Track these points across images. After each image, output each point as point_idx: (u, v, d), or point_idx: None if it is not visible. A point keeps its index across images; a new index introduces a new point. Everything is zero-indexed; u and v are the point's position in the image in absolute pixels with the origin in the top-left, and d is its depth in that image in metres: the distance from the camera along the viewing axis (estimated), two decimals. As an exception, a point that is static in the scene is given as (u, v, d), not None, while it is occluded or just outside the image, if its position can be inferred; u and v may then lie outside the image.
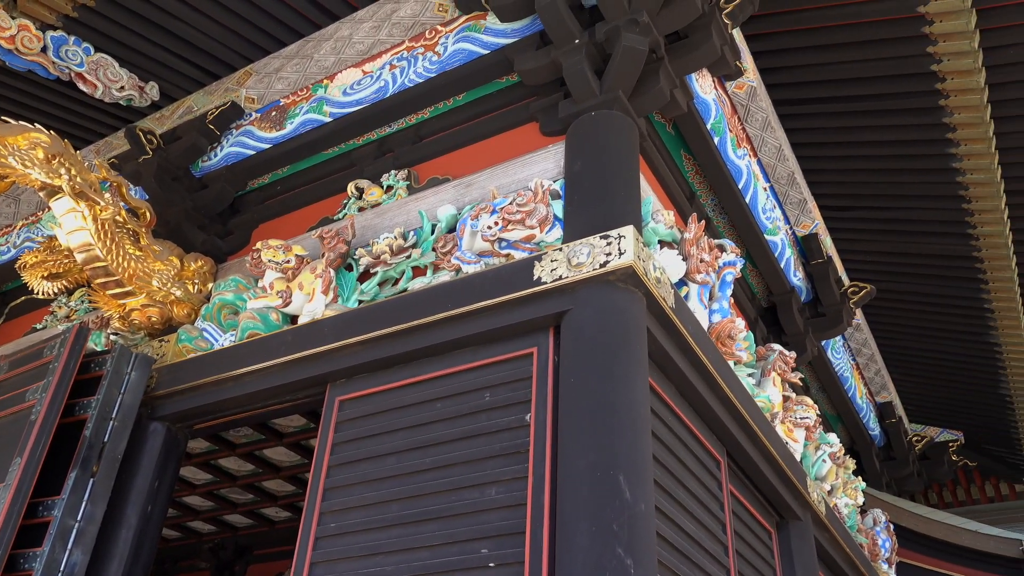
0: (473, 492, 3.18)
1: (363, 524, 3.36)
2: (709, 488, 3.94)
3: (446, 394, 3.50)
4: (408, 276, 3.96)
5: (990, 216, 5.46)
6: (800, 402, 5.20)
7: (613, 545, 2.70)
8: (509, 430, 3.24)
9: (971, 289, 6.22)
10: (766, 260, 5.58)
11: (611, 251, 3.27)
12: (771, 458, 4.62)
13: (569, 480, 2.90)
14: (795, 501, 5.05)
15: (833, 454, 5.96)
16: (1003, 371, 7.11)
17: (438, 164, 4.52)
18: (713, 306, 4.11)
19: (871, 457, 8.00)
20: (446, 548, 3.11)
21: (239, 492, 7.38)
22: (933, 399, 8.33)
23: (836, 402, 7.20)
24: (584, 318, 3.23)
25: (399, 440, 3.50)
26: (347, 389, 3.80)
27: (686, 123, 4.61)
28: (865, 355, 7.29)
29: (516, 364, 3.39)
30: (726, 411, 4.08)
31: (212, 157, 5.21)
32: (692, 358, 3.69)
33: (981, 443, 8.95)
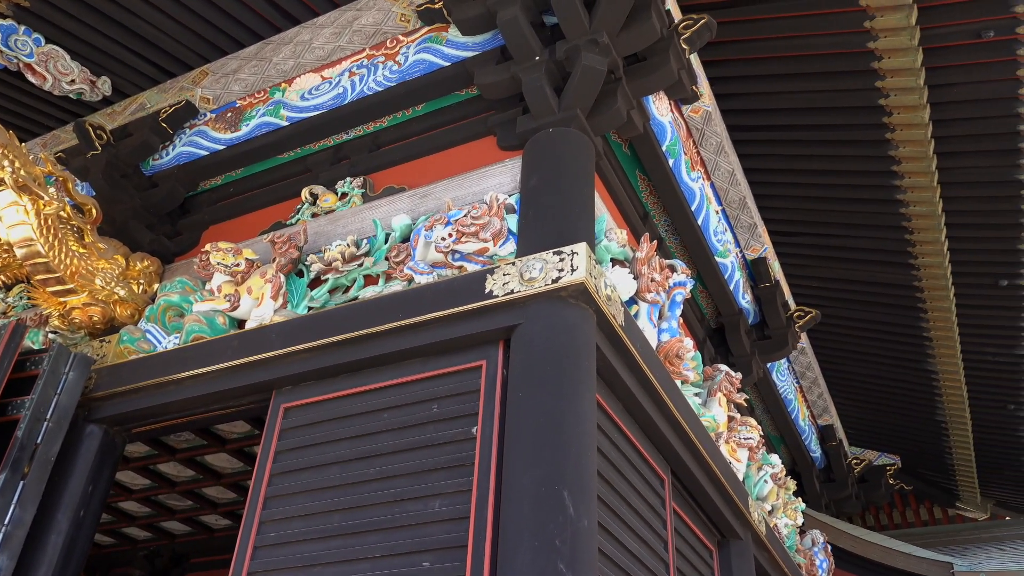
0: (417, 504, 3.16)
1: (304, 534, 3.31)
2: (652, 505, 3.97)
3: (393, 404, 3.48)
4: (360, 284, 3.93)
5: (931, 247, 5.63)
6: (744, 423, 5.28)
7: (555, 561, 2.70)
8: (455, 442, 3.23)
9: (911, 317, 6.39)
10: (716, 282, 5.66)
11: (563, 267, 3.29)
12: (714, 477, 4.68)
13: (513, 494, 2.90)
14: (736, 520, 5.12)
15: (775, 475, 6.06)
16: (939, 398, 7.31)
17: (394, 173, 4.50)
18: (662, 325, 4.16)
19: (812, 479, 8.15)
20: (387, 560, 3.08)
21: (178, 498, 7.21)
22: (872, 423, 8.52)
23: (779, 424, 7.32)
24: (534, 333, 3.24)
25: (344, 450, 3.47)
26: (293, 396, 3.75)
27: (642, 144, 4.67)
28: (809, 378, 7.44)
29: (465, 376, 3.39)
30: (672, 429, 4.12)
31: (163, 156, 5.12)
32: (640, 376, 3.72)
33: (917, 468, 9.17)
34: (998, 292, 5.96)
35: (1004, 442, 7.93)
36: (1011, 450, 8.05)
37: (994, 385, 7.04)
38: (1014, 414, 7.37)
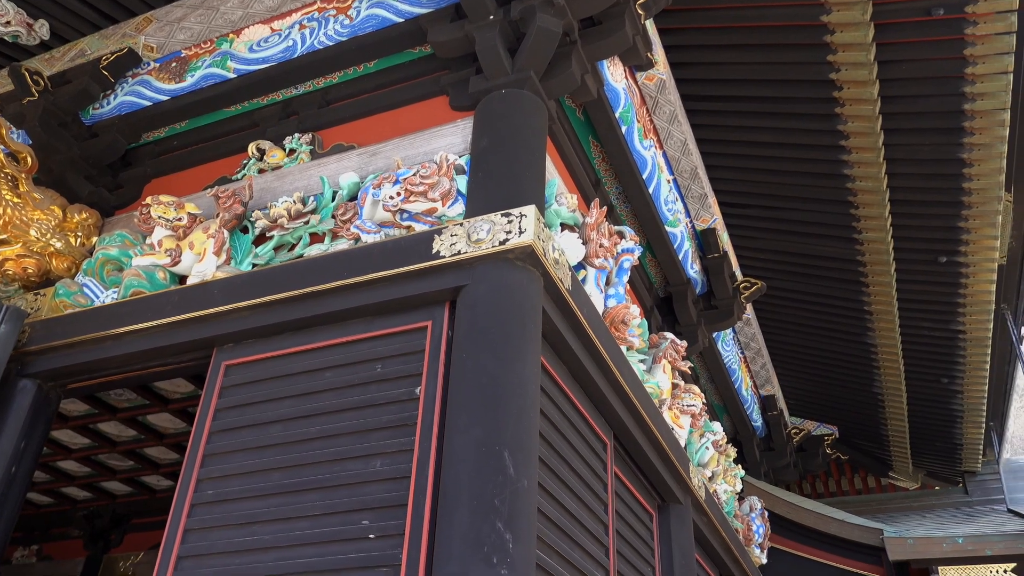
0: (358, 463, 3.15)
1: (242, 492, 3.28)
2: (594, 469, 4.01)
3: (337, 364, 3.45)
4: (305, 242, 3.87)
5: (874, 223, 5.74)
6: (688, 390, 5.36)
7: (494, 520, 2.72)
8: (398, 403, 3.22)
9: (853, 291, 6.54)
10: (665, 251, 5.71)
11: (512, 229, 3.28)
12: (656, 443, 4.75)
13: (454, 454, 2.91)
14: (677, 485, 5.21)
15: (716, 442, 6.18)
16: (877, 371, 7.52)
17: (344, 131, 4.42)
18: (609, 291, 4.18)
19: (752, 447, 8.34)
20: (327, 518, 3.07)
21: (119, 458, 7.10)
22: (812, 394, 8.74)
23: (723, 393, 7.46)
24: (480, 294, 3.23)
25: (285, 408, 3.43)
26: (235, 354, 3.70)
27: (595, 110, 4.65)
28: (753, 349, 7.58)
29: (410, 337, 3.37)
30: (615, 394, 4.16)
31: (104, 105, 4.95)
32: (585, 341, 3.74)
33: (853, 438, 9.45)
34: (937, 268, 6.12)
35: (936, 414, 8.20)
36: (943, 423, 8.33)
37: (929, 359, 7.26)
38: (947, 388, 7.61)
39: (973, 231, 5.66)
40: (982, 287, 6.21)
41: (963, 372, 7.33)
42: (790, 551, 8.09)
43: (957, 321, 6.67)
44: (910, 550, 7.08)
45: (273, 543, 3.09)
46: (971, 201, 5.45)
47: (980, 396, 7.69)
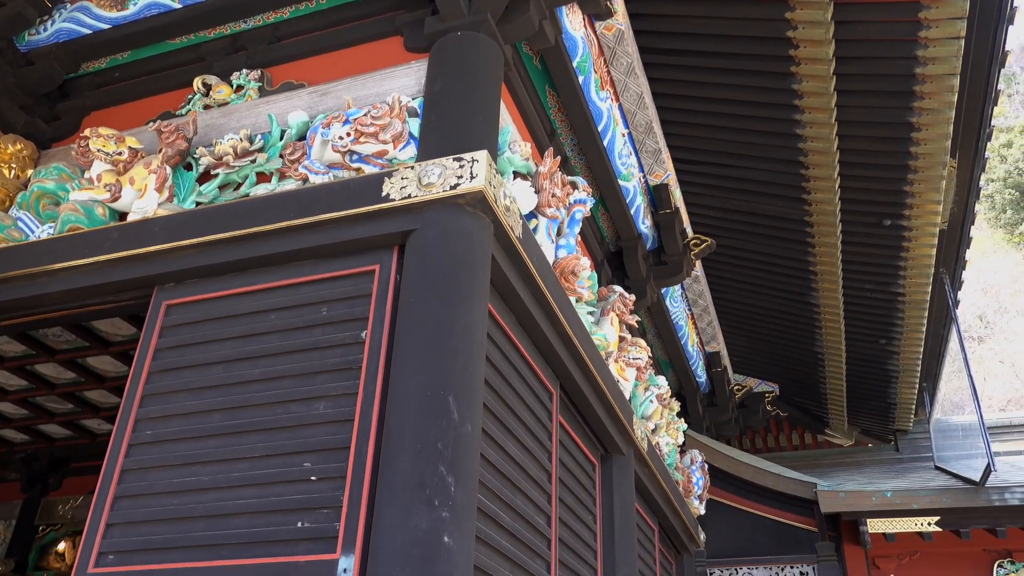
0: (301, 406, 3.12)
1: (182, 433, 3.23)
2: (539, 417, 4.05)
3: (281, 306, 3.39)
4: (251, 181, 3.77)
5: (823, 184, 5.82)
6: (634, 343, 5.42)
7: (436, 463, 2.73)
8: (343, 346, 3.19)
9: (799, 251, 6.64)
10: (617, 205, 5.71)
11: (463, 174, 3.23)
12: (602, 394, 4.80)
13: (399, 398, 2.90)
14: (620, 436, 5.30)
15: (660, 395, 6.29)
16: (819, 330, 7.69)
17: (294, 68, 4.29)
18: (560, 241, 4.17)
19: (695, 402, 8.51)
20: (268, 460, 3.05)
21: (57, 401, 6.95)
22: (756, 352, 8.92)
23: (669, 348, 7.56)
24: (429, 239, 3.19)
25: (228, 349, 3.38)
26: (176, 294, 3.61)
27: (553, 58, 4.59)
28: (700, 306, 7.68)
29: (357, 281, 3.32)
30: (563, 345, 4.19)
31: (41, 31, 4.71)
32: (534, 290, 3.74)
33: (793, 396, 9.70)
34: (881, 231, 6.24)
35: (873, 375, 8.45)
36: (878, 382, 8.59)
37: (869, 320, 7.44)
38: (884, 348, 7.83)
39: (917, 195, 5.77)
40: (923, 251, 6.37)
41: (900, 334, 7.54)
42: (728, 503, 8.33)
43: (897, 284, 6.83)
44: (841, 503, 7.34)
45: (213, 484, 3.07)
46: (917, 166, 5.54)
47: (915, 358, 7.93)
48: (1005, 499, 6.87)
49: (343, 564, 2.71)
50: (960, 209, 6.41)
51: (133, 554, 3.04)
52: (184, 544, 2.98)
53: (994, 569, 7.44)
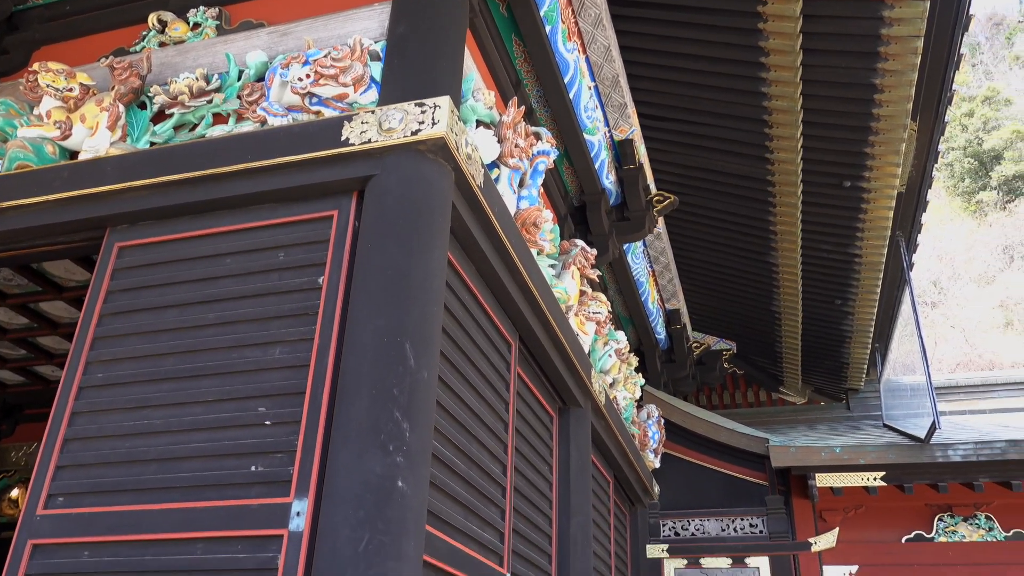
0: (256, 351, 3.10)
1: (134, 376, 3.19)
2: (497, 368, 4.07)
3: (237, 250, 3.34)
4: (208, 122, 3.68)
5: (786, 143, 5.85)
6: (595, 298, 5.45)
7: (391, 409, 2.73)
8: (300, 291, 3.16)
9: (760, 210, 6.70)
10: (582, 159, 5.69)
11: (424, 120, 3.19)
12: (561, 347, 4.83)
13: (355, 344, 2.88)
14: (578, 389, 5.35)
15: (619, 350, 6.35)
16: (776, 290, 7.80)
17: (253, 7, 4.17)
18: (522, 193, 4.15)
19: (654, 358, 8.61)
20: (222, 404, 3.03)
21: (9, 347, 6.83)
22: (715, 310, 9.03)
23: (630, 304, 7.62)
24: (389, 185, 3.16)
25: (182, 293, 3.33)
26: (129, 236, 3.54)
27: (520, 6, 4.52)
28: (661, 263, 7.73)
29: (315, 226, 3.28)
30: (523, 296, 4.19)
31: (-13, -40, 4.52)
32: (495, 240, 3.72)
33: (749, 354, 9.87)
34: (840, 192, 6.31)
35: (828, 335, 8.61)
36: (832, 342, 8.76)
37: (825, 281, 7.56)
38: (839, 309, 7.97)
39: (877, 157, 5.83)
40: (881, 213, 6.45)
41: (855, 295, 7.68)
42: (683, 457, 8.50)
43: (854, 245, 6.93)
44: (791, 458, 7.53)
45: (165, 427, 3.04)
46: (878, 127, 5.59)
47: (869, 319, 8.10)
48: (948, 456, 7.10)
49: (296, 507, 2.72)
50: (918, 172, 6.50)
51: (83, 496, 3.01)
52: (135, 487, 2.96)
53: (935, 522, 7.72)
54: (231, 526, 2.77)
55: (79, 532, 2.92)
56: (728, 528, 8.05)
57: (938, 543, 7.61)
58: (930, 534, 7.68)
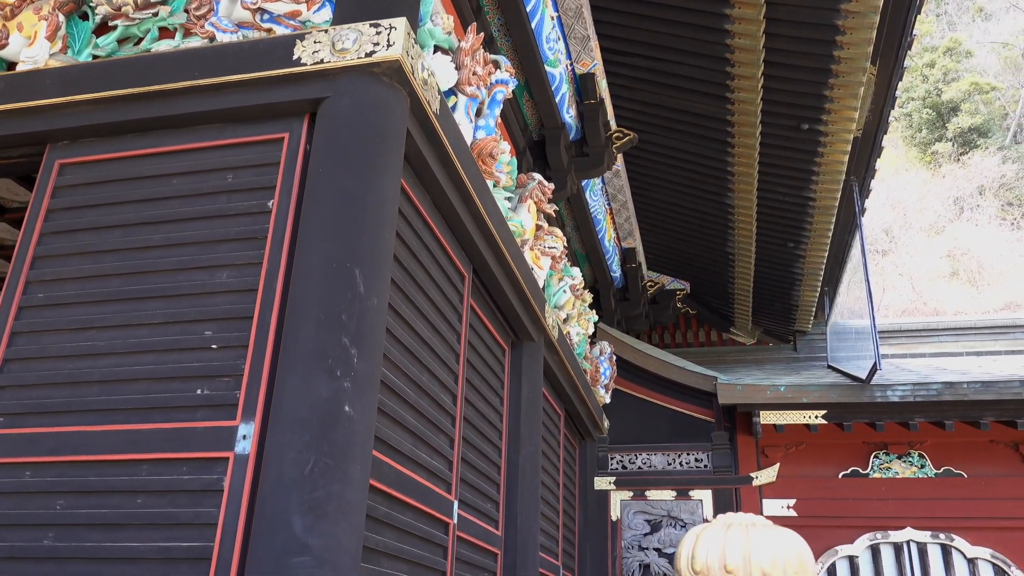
0: (203, 274, 3.05)
1: (77, 297, 3.13)
2: (450, 299, 4.06)
3: (185, 171, 3.26)
4: (153, 36, 3.54)
5: (747, 83, 5.82)
6: (551, 232, 5.45)
7: (340, 335, 2.72)
8: (249, 215, 3.10)
9: (718, 151, 6.70)
10: (542, 91, 5.61)
11: (379, 41, 3.10)
12: (515, 280, 4.84)
13: (304, 269, 2.85)
14: (531, 324, 5.39)
15: (574, 286, 6.39)
16: (731, 231, 7.87)
17: (203, -84, 3.97)
18: (479, 122, 4.09)
19: (609, 296, 8.69)
20: (168, 327, 2.99)
21: (-51, 268, 6.63)
22: (670, 250, 9.10)
23: (586, 241, 7.64)
24: (342, 108, 3.08)
25: (127, 213, 3.25)
26: (71, 153, 3.42)
27: (482, -72, 4.38)
28: (619, 201, 7.74)
29: (265, 148, 3.21)
30: (477, 228, 4.17)
31: None
32: (450, 169, 3.68)
33: (702, 294, 10.00)
34: (798, 135, 6.33)
35: (779, 277, 8.75)
36: (783, 285, 8.90)
37: (779, 223, 7.64)
38: (792, 252, 8.08)
39: (836, 100, 5.84)
40: (836, 157, 6.50)
41: (808, 238, 7.78)
42: (633, 393, 8.65)
43: (809, 189, 6.99)
44: (738, 395, 7.72)
45: (109, 349, 3.00)
46: (839, 70, 5.59)
47: (820, 262, 8.23)
48: (887, 396, 7.34)
49: (243, 431, 2.72)
50: (875, 117, 6.54)
51: (25, 417, 2.97)
52: (79, 408, 2.92)
53: (870, 459, 8.02)
54: (176, 448, 2.76)
55: (21, 452, 2.89)
56: (674, 462, 8.28)
57: (873, 479, 7.92)
58: (865, 470, 7.98)
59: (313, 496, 2.50)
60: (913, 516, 7.69)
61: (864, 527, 7.75)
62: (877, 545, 7.72)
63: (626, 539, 8.07)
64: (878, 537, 7.70)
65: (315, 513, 2.48)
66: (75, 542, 2.71)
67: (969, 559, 7.52)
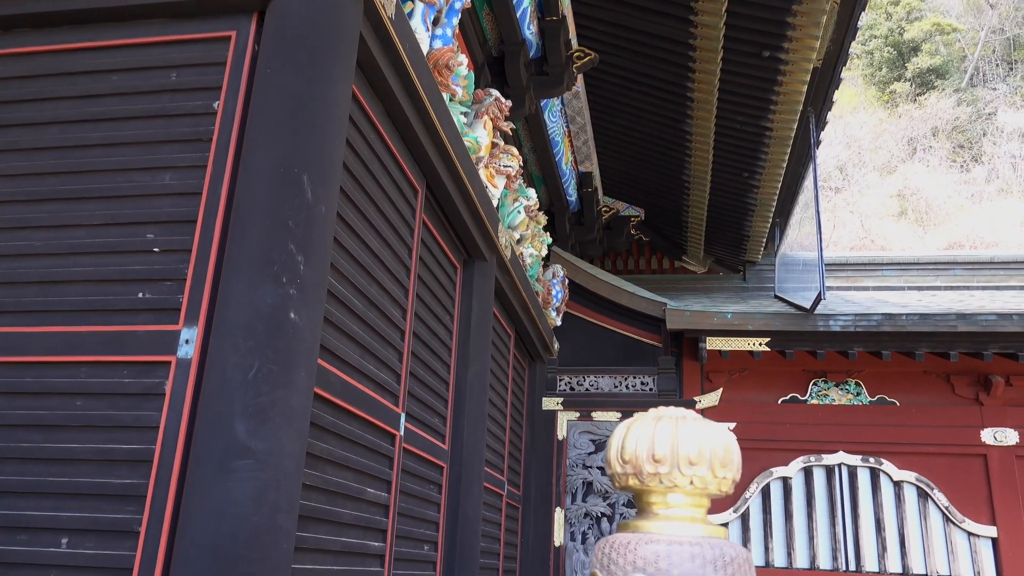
0: (144, 175, 2.95)
1: (11, 195, 3.01)
2: (402, 213, 4.02)
3: (126, 67, 3.12)
4: (91, -79, 3.33)
5: (711, 6, 5.74)
6: (507, 151, 5.39)
7: (286, 241, 2.67)
8: (193, 116, 3.00)
9: (679, 76, 6.64)
10: (503, 5, 5.47)
11: (332, -62, 2.97)
12: (468, 197, 4.80)
13: (250, 174, 2.78)
14: (484, 242, 5.37)
15: (529, 207, 6.36)
16: (688, 159, 7.87)
17: None
18: (436, 31, 3.98)
19: (564, 219, 8.69)
20: (108, 229, 2.90)
21: None
22: (626, 176, 9.10)
23: (543, 163, 7.58)
24: (291, 7, 2.96)
25: (64, 110, 3.11)
26: (3, 43, 3.24)
27: None
28: (578, 124, 7.66)
29: (211, 47, 3.08)
30: (431, 141, 4.10)
31: None
32: (404, 78, 3.59)
33: (656, 222, 10.06)
34: (759, 63, 6.29)
35: (732, 207, 8.82)
36: (736, 215, 8.99)
37: (735, 152, 7.66)
38: (746, 182, 8.14)
39: (798, 28, 5.80)
40: (795, 87, 6.49)
41: (763, 168, 7.82)
42: (584, 317, 8.75)
43: (767, 118, 7.00)
44: (686, 321, 7.86)
45: (47, 250, 2.91)
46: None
47: (773, 193, 8.31)
48: (829, 325, 7.55)
49: (185, 335, 2.68)
50: (836, 48, 6.53)
51: (-42, 316, 2.89)
52: (15, 308, 2.85)
53: (809, 386, 8.29)
54: (116, 351, 2.72)
55: (-46, 352, 2.82)
56: (621, 385, 8.45)
57: (810, 405, 8.20)
58: (804, 396, 8.26)
59: (257, 401, 2.49)
60: (846, 441, 8.01)
61: (799, 450, 8.07)
62: (810, 467, 8.05)
63: (571, 458, 8.29)
64: (811, 460, 8.02)
65: (258, 418, 2.48)
66: (12, 442, 2.68)
67: (895, 481, 7.89)
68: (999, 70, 33.02)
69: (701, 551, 1.11)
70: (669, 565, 1.09)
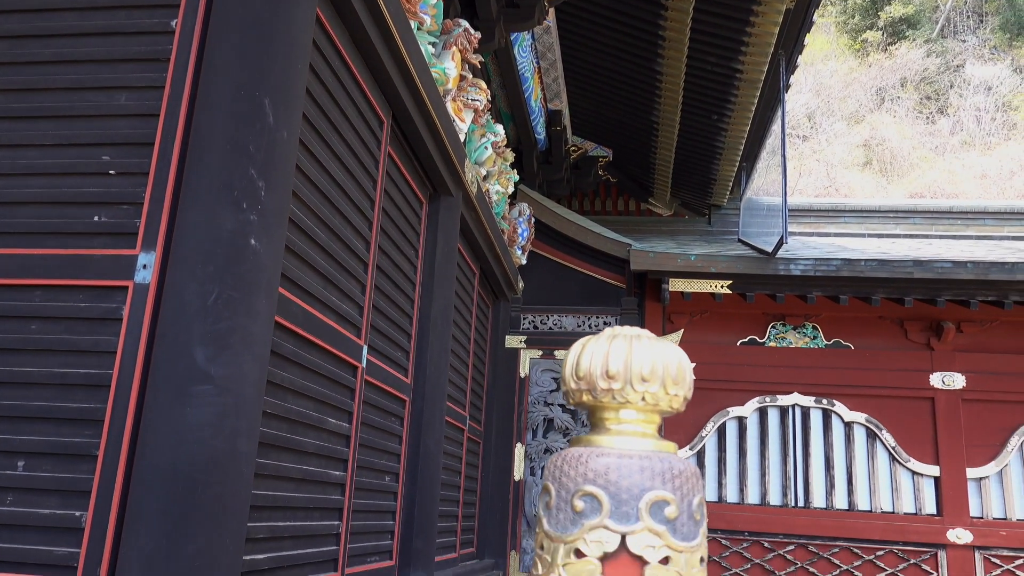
0: (100, 95, 2.86)
1: (-41, 112, 2.91)
2: (367, 143, 3.96)
3: (78, -20, 3.00)
4: None
5: (686, -58, 5.65)
6: (475, 84, 5.30)
7: (247, 166, 2.62)
8: (150, 34, 2.90)
9: (652, 13, 6.56)
10: (474, -68, 5.33)
11: None
12: (435, 130, 4.74)
13: (210, 96, 2.70)
14: (450, 177, 5.32)
15: (496, 143, 6.31)
16: (658, 99, 7.83)
17: None
18: (404, -44, 3.87)
19: (531, 158, 8.63)
20: (61, 150, 2.83)
21: None
22: (595, 116, 9.03)
23: (512, 99, 7.49)
24: (253, -78, 2.85)
25: (14, 24, 2.99)
26: (-54, -50, 3.09)
27: None
28: (548, 60, 7.56)
29: (168, -38, 2.96)
30: (398, 71, 4.02)
31: None
32: (370, 2, 3.49)
33: (624, 163, 10.04)
34: (731, 2, 6.23)
35: (700, 149, 8.83)
36: (704, 157, 9.00)
37: (705, 94, 7.63)
38: (715, 124, 8.13)
39: (772, -32, 5.75)
40: (767, 28, 6.45)
41: (732, 111, 7.81)
42: (549, 256, 8.77)
43: (738, 60, 6.96)
44: (650, 262, 7.92)
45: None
46: (778, -64, 5.47)
47: (741, 136, 8.31)
48: (789, 269, 7.66)
49: (143, 260, 2.64)
50: (809, -9, 6.48)
51: (-95, 236, 2.81)
52: (-35, 229, 2.78)
53: (768, 329, 8.44)
54: (72, 275, 2.67)
55: (-98, 272, 2.75)
56: (584, 324, 8.53)
57: (768, 347, 8.37)
58: (762, 339, 8.41)
59: (216, 327, 2.47)
60: (801, 383, 8.21)
61: (755, 391, 8.25)
62: (765, 408, 8.26)
63: (533, 395, 8.39)
64: (767, 400, 8.22)
65: (218, 344, 2.46)
66: (-35, 365, 2.64)
67: (846, 422, 8.13)
68: (970, 22, 33.10)
69: (650, 464, 1.14)
70: (619, 477, 1.12)
